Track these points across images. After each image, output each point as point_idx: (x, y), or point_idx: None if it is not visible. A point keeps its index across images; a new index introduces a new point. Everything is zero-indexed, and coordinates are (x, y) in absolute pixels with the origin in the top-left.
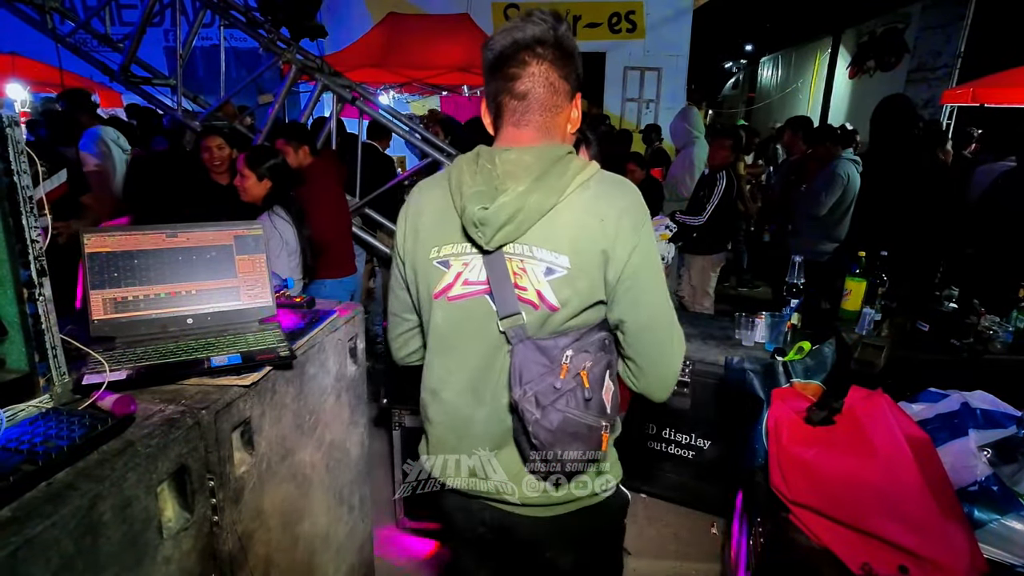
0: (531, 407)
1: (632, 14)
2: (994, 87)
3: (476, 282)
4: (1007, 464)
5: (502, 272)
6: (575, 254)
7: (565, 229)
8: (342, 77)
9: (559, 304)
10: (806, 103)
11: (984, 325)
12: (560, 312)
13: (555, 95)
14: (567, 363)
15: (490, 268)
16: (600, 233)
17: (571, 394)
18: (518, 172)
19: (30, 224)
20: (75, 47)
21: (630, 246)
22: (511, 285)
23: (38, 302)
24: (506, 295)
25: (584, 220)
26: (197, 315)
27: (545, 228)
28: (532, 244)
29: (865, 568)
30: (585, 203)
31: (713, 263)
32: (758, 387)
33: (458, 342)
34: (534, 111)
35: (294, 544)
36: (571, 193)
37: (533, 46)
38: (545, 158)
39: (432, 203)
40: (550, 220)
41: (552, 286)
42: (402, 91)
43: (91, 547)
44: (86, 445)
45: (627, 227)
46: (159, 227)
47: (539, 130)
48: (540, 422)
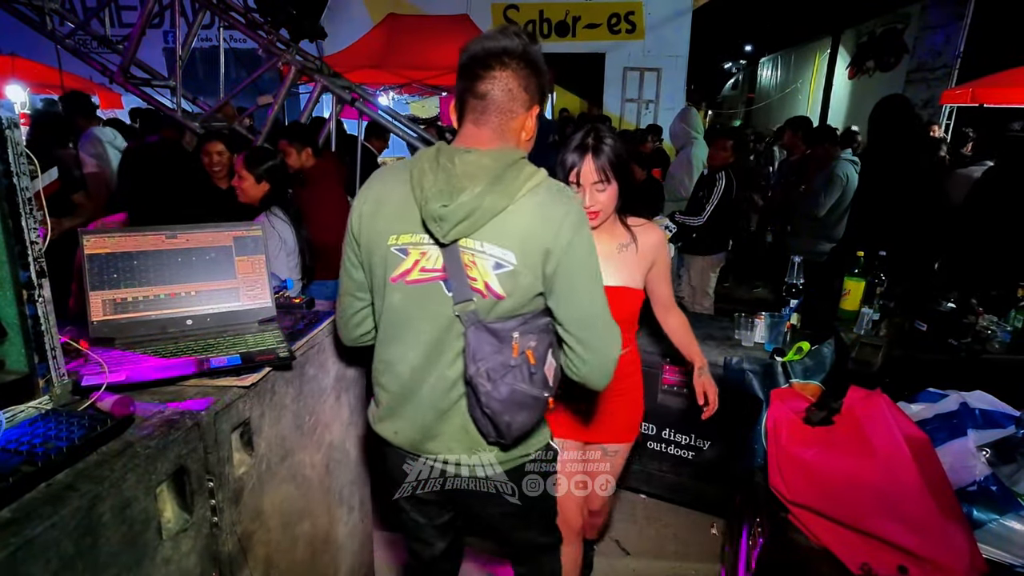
0: (484, 381)
1: (632, 15)
2: (994, 87)
3: (432, 269)
4: (1006, 464)
5: (457, 263)
6: (522, 252)
7: (515, 228)
8: (341, 78)
9: (504, 294)
10: (806, 103)
11: (982, 325)
12: (506, 301)
13: (512, 101)
14: (516, 343)
15: (447, 258)
16: (545, 233)
17: (518, 370)
18: (477, 173)
19: (29, 225)
20: (75, 48)
21: (566, 245)
22: (464, 275)
23: (37, 303)
24: (460, 283)
25: (532, 221)
26: (196, 316)
27: (496, 226)
28: (484, 240)
29: (864, 568)
30: (533, 206)
31: (712, 263)
32: (757, 387)
33: (414, 321)
34: (491, 112)
35: (294, 545)
36: (521, 197)
37: (500, 55)
38: (501, 162)
39: (394, 193)
40: (502, 219)
41: (499, 279)
42: (401, 92)
43: (91, 548)
44: (85, 446)
45: (567, 229)
46: (159, 228)
47: (495, 131)
48: (491, 394)
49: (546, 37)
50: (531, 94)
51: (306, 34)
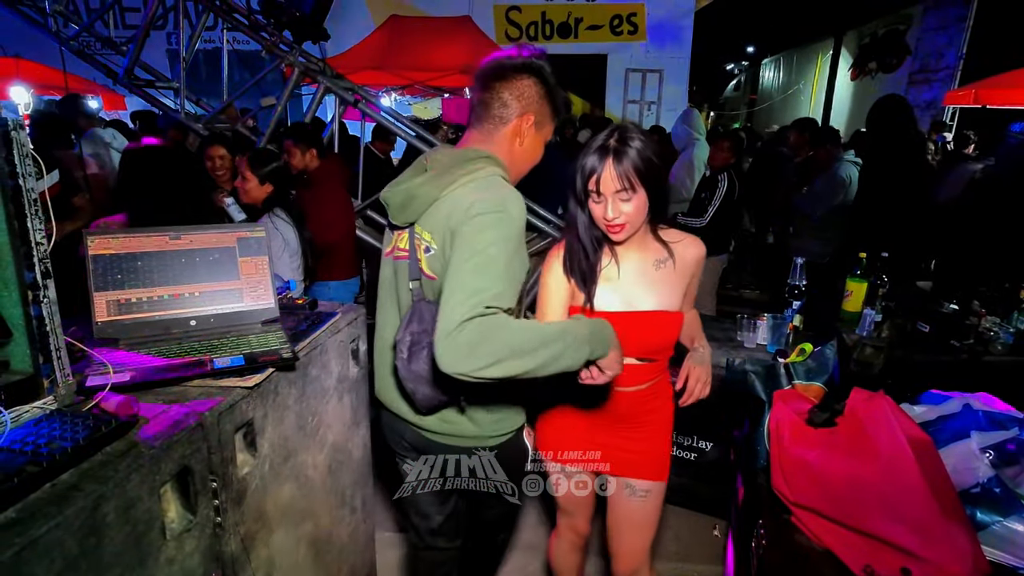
0: (404, 350)
1: (633, 16)
2: (996, 88)
3: (403, 250)
4: (1009, 466)
5: (413, 245)
6: (440, 238)
7: (438, 216)
8: (344, 79)
9: (435, 275)
10: (808, 105)
11: (985, 326)
12: (436, 281)
13: (503, 108)
14: None
15: (409, 241)
16: (452, 219)
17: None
18: (433, 167)
19: (35, 226)
20: (79, 50)
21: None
22: (416, 257)
23: (42, 304)
24: (413, 263)
25: (448, 209)
26: (200, 317)
27: (430, 214)
28: (422, 227)
29: (867, 570)
30: (457, 196)
31: (714, 265)
32: (760, 389)
33: (393, 291)
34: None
35: (296, 545)
36: (455, 188)
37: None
38: (457, 158)
39: None
40: (435, 208)
41: (428, 261)
42: (404, 93)
43: (95, 548)
44: (90, 446)
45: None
46: (162, 229)
47: (482, 134)
48: (406, 363)
49: (548, 38)
50: (524, 103)
51: (309, 36)
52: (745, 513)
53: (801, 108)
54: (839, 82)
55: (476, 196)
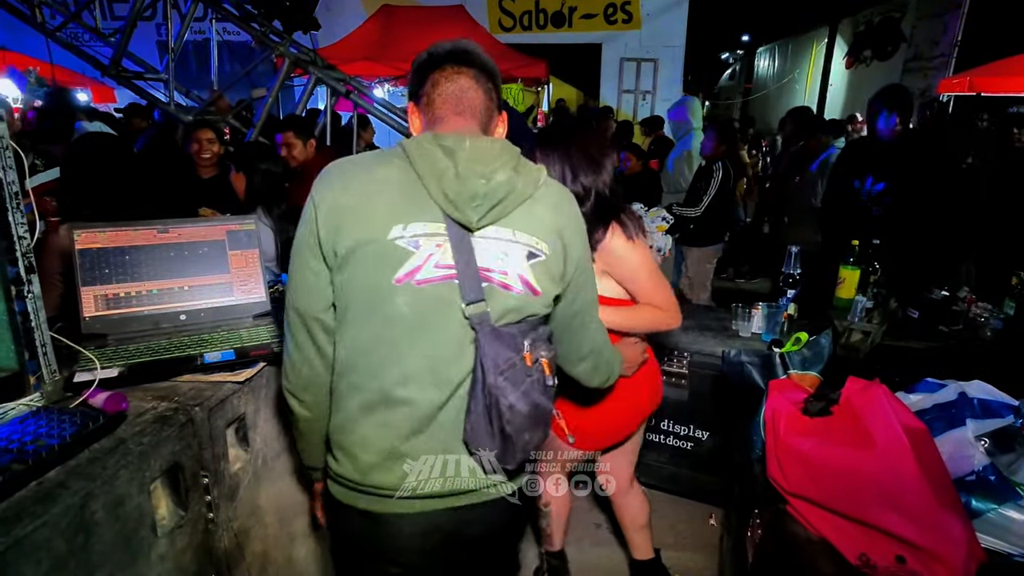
0: (508, 393)
1: (628, 4)
2: (991, 76)
3: (446, 265)
4: (1004, 453)
5: (470, 255)
6: (551, 244)
7: (542, 218)
8: (336, 70)
9: (540, 289)
10: (803, 94)
11: (975, 312)
12: (539, 298)
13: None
14: (528, 352)
15: (462, 251)
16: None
17: (535, 381)
18: (498, 156)
19: (16, 220)
20: (66, 41)
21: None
22: (476, 269)
23: (27, 299)
24: (474, 279)
25: (556, 215)
26: (190, 311)
27: (523, 214)
28: (515, 228)
29: (863, 558)
30: (554, 199)
31: (709, 255)
32: (758, 378)
33: (428, 331)
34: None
35: (291, 540)
36: (542, 186)
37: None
38: (510, 150)
39: (390, 178)
40: (528, 208)
41: (532, 270)
42: (397, 84)
43: (83, 546)
44: (77, 443)
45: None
46: (150, 223)
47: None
48: (515, 407)
49: (542, 28)
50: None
51: (299, 26)
52: (741, 502)
53: (796, 97)
54: (834, 71)
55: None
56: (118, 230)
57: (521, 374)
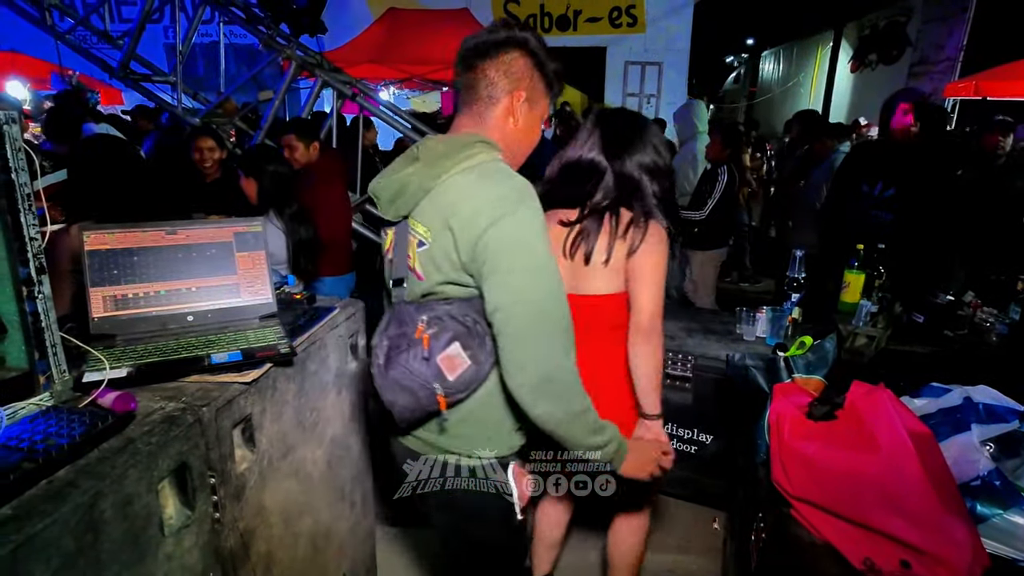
0: (380, 355)
1: (632, 8)
2: (997, 80)
3: (390, 249)
4: (1010, 459)
5: (403, 242)
6: (437, 231)
7: (436, 207)
8: (342, 73)
9: (424, 275)
10: (808, 97)
11: (980, 317)
12: (424, 282)
13: (490, 87)
14: (421, 325)
15: (396, 237)
16: (462, 212)
17: (414, 350)
18: (426, 156)
19: (28, 221)
20: (75, 44)
21: (487, 225)
22: (405, 254)
23: (37, 300)
24: (400, 262)
25: (453, 200)
26: (197, 312)
27: (425, 205)
28: (417, 219)
29: (867, 563)
30: (461, 186)
31: (714, 258)
32: (763, 382)
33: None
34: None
35: (296, 541)
36: (451, 176)
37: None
38: (452, 145)
39: None
40: (431, 198)
41: (419, 258)
42: (402, 87)
43: (92, 545)
44: (86, 443)
45: (490, 207)
46: (158, 224)
47: (474, 119)
48: (383, 370)
49: (547, 31)
50: (513, 79)
51: (306, 29)
52: (745, 506)
53: (801, 101)
54: (839, 74)
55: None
56: (127, 231)
57: (404, 342)
